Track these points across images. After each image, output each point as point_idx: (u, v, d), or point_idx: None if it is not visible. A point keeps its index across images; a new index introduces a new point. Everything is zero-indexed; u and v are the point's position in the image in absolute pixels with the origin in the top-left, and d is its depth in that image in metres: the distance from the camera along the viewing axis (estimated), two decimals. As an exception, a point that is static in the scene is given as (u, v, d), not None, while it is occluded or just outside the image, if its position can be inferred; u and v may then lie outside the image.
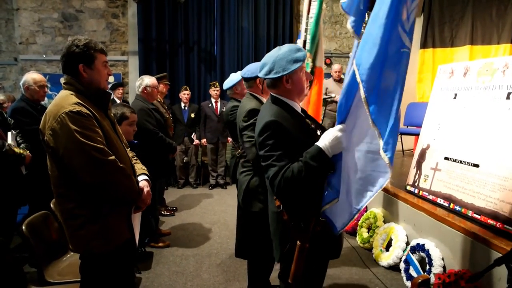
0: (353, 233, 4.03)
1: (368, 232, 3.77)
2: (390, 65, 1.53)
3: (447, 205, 2.95)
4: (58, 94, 1.72)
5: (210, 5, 7.14)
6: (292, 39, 7.27)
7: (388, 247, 3.42)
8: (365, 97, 1.52)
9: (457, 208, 2.85)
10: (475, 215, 2.67)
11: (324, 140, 1.55)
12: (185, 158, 6.29)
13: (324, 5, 3.50)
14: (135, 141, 2.72)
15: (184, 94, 6.19)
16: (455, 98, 3.20)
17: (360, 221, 3.92)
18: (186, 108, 6.23)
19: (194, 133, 6.32)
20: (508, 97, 2.66)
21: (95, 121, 1.65)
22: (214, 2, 7.13)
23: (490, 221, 2.54)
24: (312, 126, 1.73)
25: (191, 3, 6.98)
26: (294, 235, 1.66)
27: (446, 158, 3.10)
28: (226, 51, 7.24)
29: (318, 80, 3.48)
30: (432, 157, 3.27)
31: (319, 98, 3.49)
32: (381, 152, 1.55)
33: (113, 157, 1.66)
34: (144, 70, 6.77)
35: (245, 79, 2.80)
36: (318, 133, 1.72)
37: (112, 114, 1.92)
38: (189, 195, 5.94)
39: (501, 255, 1.47)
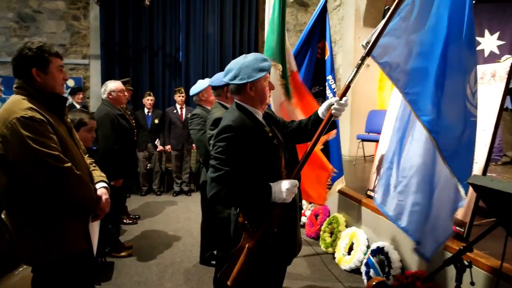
0: (317, 238, 4.09)
1: (331, 237, 3.84)
2: (466, 132, 2.04)
3: (405, 209, 3.07)
4: (9, 99, 1.64)
5: (176, 10, 7.09)
6: (257, 47, 7.35)
7: (350, 251, 3.50)
8: (442, 155, 2.00)
9: (414, 211, 2.96)
10: (430, 218, 2.79)
11: (277, 188, 1.64)
12: (149, 164, 6.16)
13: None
14: (94, 148, 2.64)
15: (148, 100, 6.08)
16: (411, 106, 3.34)
17: (323, 226, 3.99)
18: (149, 113, 6.12)
19: (158, 139, 6.22)
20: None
21: (50, 127, 1.58)
22: (180, 7, 7.10)
23: (444, 224, 2.66)
24: (270, 134, 1.75)
25: (156, 8, 6.90)
26: (244, 237, 1.68)
27: (404, 164, 3.22)
28: (191, 57, 7.20)
29: (295, 84, 3.42)
30: (391, 162, 3.39)
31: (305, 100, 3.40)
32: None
33: (69, 164, 1.60)
34: (106, 74, 6.60)
35: (213, 87, 2.81)
36: (275, 141, 1.75)
37: (68, 120, 1.86)
38: (153, 202, 5.81)
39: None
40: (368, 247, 3.34)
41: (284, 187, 1.63)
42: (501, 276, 1.99)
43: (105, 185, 1.90)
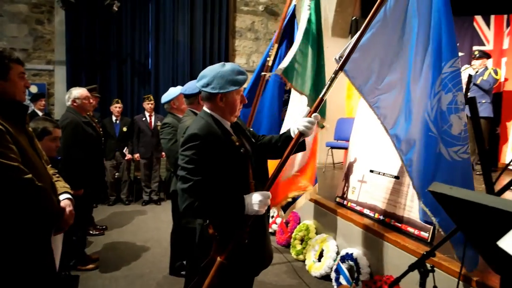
0: (287, 246, 4.11)
1: (302, 244, 3.87)
2: (424, 145, 2.09)
3: (372, 215, 3.14)
4: (-36, 108, 1.56)
5: (145, 16, 7.01)
6: (227, 55, 7.37)
7: (320, 257, 3.53)
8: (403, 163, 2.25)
9: (381, 217, 3.04)
10: (396, 224, 2.87)
11: (250, 200, 1.63)
12: (117, 173, 6.01)
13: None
14: (58, 157, 2.55)
15: (116, 107, 5.95)
16: (378, 114, 3.45)
17: (293, 234, 4.01)
18: (117, 121, 5.98)
19: (126, 148, 6.08)
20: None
21: (8, 136, 1.51)
22: (149, 13, 7.02)
23: (409, 229, 2.75)
24: (237, 143, 1.74)
25: (125, 14, 6.79)
26: (214, 249, 1.66)
27: (371, 171, 3.31)
28: (160, 64, 7.13)
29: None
30: (359, 170, 3.48)
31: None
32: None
33: (29, 176, 1.53)
34: (72, 81, 6.41)
35: (186, 95, 2.79)
36: (242, 150, 1.73)
37: (30, 129, 1.78)
38: (121, 212, 5.66)
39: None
40: (338, 253, 3.39)
41: (256, 199, 1.62)
42: (462, 278, 2.08)
43: (69, 196, 1.84)
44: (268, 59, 3.39)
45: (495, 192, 1.28)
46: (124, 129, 6.00)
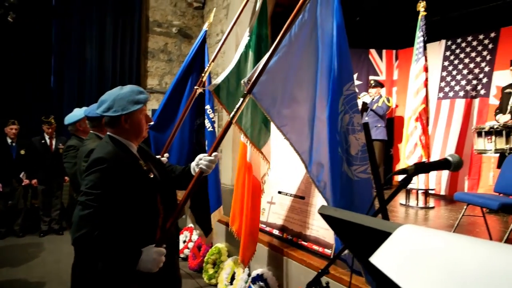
0: (200, 270, 4.03)
1: (214, 268, 3.83)
2: (331, 164, 2.24)
3: (281, 235, 3.25)
4: None
5: (47, 30, 6.52)
6: (139, 75, 7.18)
7: (232, 280, 3.53)
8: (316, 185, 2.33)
9: (289, 237, 3.16)
10: (303, 243, 3.01)
11: (144, 257, 1.54)
12: (10, 201, 5.37)
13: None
14: None
15: (12, 129, 5.37)
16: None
17: (206, 258, 3.96)
18: (13, 144, 5.40)
19: (23, 173, 5.49)
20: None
21: None
22: (52, 28, 6.55)
23: (314, 247, 2.90)
24: (145, 168, 1.70)
25: (23, 26, 6.22)
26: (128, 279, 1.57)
27: (279, 192, 3.45)
28: (65, 83, 6.66)
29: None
30: (268, 191, 3.59)
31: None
32: None
33: None
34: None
35: (89, 118, 2.68)
36: (151, 175, 1.70)
37: None
38: (13, 246, 5.04)
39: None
40: (249, 275, 3.42)
41: (150, 256, 1.55)
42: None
43: None
44: (202, 74, 3.36)
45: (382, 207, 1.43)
46: (22, 152, 5.43)
